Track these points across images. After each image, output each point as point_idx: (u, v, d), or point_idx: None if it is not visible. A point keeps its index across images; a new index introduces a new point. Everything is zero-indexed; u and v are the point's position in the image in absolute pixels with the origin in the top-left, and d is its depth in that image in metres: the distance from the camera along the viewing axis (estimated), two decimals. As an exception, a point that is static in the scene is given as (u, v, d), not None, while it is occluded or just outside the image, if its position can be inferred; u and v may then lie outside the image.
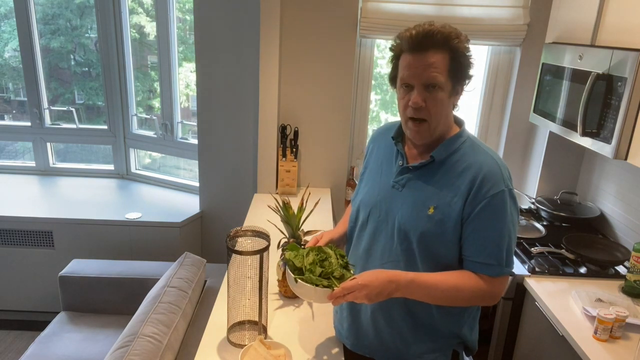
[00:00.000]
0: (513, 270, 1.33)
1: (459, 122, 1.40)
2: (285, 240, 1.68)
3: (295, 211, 1.65)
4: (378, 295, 1.23)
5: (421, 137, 1.33)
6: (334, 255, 1.32)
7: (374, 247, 1.42)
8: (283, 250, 1.69)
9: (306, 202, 1.69)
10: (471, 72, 1.32)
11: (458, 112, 1.40)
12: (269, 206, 1.75)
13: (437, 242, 1.32)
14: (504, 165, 1.32)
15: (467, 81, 1.32)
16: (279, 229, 1.70)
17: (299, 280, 1.26)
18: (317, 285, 1.24)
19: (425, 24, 1.27)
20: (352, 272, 1.33)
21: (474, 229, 1.28)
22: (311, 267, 1.28)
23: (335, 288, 1.22)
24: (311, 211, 1.74)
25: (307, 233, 1.70)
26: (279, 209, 1.63)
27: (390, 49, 1.34)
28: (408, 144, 1.43)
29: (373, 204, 1.42)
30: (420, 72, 1.25)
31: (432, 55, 1.25)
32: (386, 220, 1.39)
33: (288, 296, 1.73)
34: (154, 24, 3.12)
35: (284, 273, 1.68)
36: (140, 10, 3.22)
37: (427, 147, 1.37)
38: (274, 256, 1.76)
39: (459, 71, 1.28)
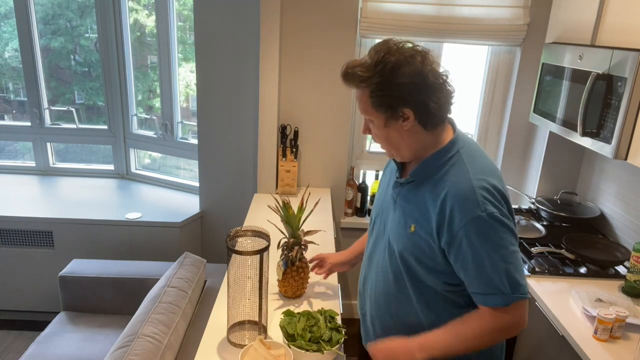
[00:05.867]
0: (526, 294, 1.21)
1: (454, 130, 1.32)
2: (286, 240, 1.68)
3: (295, 211, 1.65)
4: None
5: (393, 156, 1.35)
6: (322, 320, 1.45)
7: (374, 256, 1.44)
8: (283, 249, 1.69)
9: (306, 202, 1.69)
10: (399, 96, 1.19)
11: (458, 112, 1.36)
12: (269, 206, 1.75)
13: (415, 262, 1.30)
14: (483, 185, 1.19)
15: (404, 105, 1.20)
16: (279, 229, 1.70)
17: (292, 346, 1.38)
18: (307, 350, 1.37)
19: (365, 58, 1.23)
20: (342, 332, 1.44)
21: (462, 261, 1.21)
22: (302, 332, 1.41)
23: (324, 351, 1.36)
24: (311, 211, 1.74)
25: (307, 233, 1.70)
26: (279, 209, 1.63)
27: None
28: None
29: (377, 214, 1.45)
30: (358, 104, 1.29)
31: (357, 92, 1.25)
32: (384, 232, 1.40)
33: (288, 296, 1.73)
34: (154, 23, 3.12)
35: (284, 273, 1.68)
36: (140, 9, 3.22)
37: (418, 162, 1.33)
38: (274, 256, 1.76)
39: (380, 103, 1.21)
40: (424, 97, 1.20)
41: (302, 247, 1.67)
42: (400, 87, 1.18)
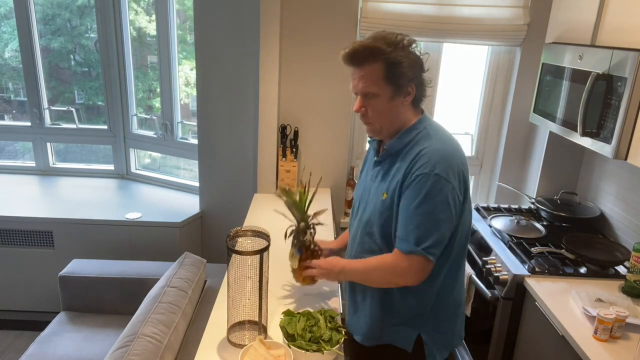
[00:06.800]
0: (428, 256, 1.35)
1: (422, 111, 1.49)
2: (293, 227, 1.62)
3: (298, 198, 1.61)
4: (328, 275, 1.55)
5: (374, 134, 1.50)
6: (322, 320, 1.46)
7: (360, 236, 1.53)
8: (294, 237, 1.63)
9: (307, 185, 1.62)
10: (413, 72, 1.38)
11: (458, 111, 1.43)
12: (274, 193, 1.72)
13: (389, 228, 1.42)
14: (447, 154, 1.36)
15: (413, 81, 1.39)
16: (286, 217, 1.63)
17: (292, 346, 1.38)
18: (307, 350, 1.37)
19: (366, 39, 1.41)
20: (342, 332, 1.45)
21: (401, 207, 1.38)
22: (302, 332, 1.42)
23: (324, 351, 1.37)
24: (314, 192, 1.64)
25: (315, 215, 1.63)
26: (283, 194, 1.57)
27: None
28: None
29: (360, 197, 1.56)
30: (356, 84, 1.41)
31: (365, 68, 1.38)
32: (365, 211, 1.52)
33: (307, 284, 1.66)
34: (154, 23, 3.12)
35: (300, 260, 1.61)
36: (140, 9, 3.22)
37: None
38: (274, 256, 1.75)
39: (396, 77, 1.37)
40: (421, 76, 1.41)
41: (313, 229, 1.63)
42: (413, 64, 1.38)
